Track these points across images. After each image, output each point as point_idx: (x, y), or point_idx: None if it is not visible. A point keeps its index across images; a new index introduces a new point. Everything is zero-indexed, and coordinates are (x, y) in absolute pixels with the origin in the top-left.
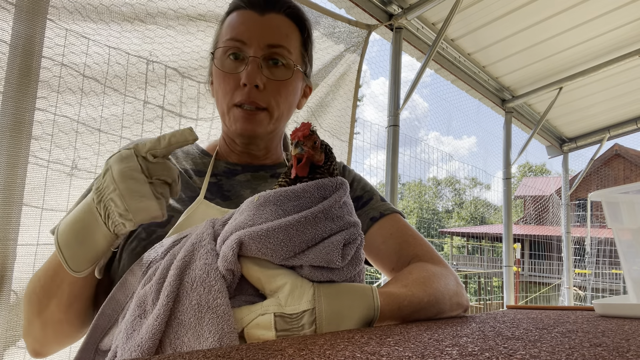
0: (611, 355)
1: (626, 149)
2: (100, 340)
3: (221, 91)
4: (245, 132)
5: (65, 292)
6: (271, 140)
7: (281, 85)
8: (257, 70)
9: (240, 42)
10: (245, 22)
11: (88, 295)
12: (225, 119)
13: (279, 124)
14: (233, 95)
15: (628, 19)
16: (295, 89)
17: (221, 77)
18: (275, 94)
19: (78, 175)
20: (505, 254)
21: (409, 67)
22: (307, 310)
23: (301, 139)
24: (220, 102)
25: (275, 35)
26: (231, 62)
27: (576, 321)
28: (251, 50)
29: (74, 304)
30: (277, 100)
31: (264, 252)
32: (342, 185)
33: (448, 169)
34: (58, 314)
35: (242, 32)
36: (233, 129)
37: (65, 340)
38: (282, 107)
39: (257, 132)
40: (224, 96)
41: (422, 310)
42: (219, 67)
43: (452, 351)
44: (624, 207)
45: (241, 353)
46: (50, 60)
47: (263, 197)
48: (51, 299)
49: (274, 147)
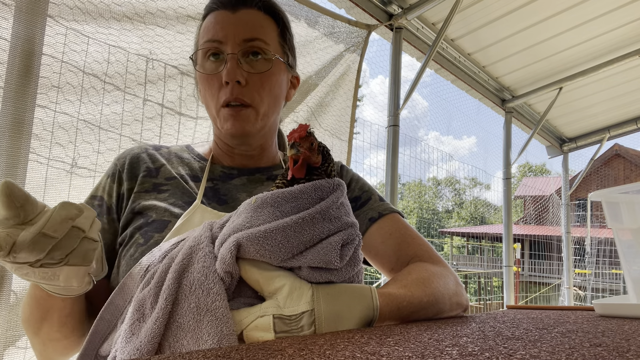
0: (611, 355)
1: (626, 149)
2: (100, 346)
3: (208, 94)
4: (236, 132)
5: (55, 315)
6: (264, 138)
7: (263, 78)
8: (236, 67)
9: (217, 41)
10: (219, 22)
11: (80, 309)
12: (217, 122)
13: (268, 120)
14: (219, 97)
15: (628, 19)
16: (279, 81)
17: (205, 80)
18: (258, 88)
19: (78, 173)
20: (505, 254)
21: (409, 67)
22: (306, 311)
23: (297, 140)
24: (209, 106)
25: (250, 29)
26: (212, 64)
27: (576, 321)
28: (228, 47)
29: (66, 323)
30: (261, 94)
31: (262, 254)
32: (339, 186)
33: (448, 169)
34: (53, 333)
35: (217, 31)
36: (224, 130)
37: (68, 352)
38: (267, 101)
39: (247, 130)
40: (212, 99)
41: (422, 310)
42: (201, 70)
43: (452, 351)
44: (624, 207)
45: (241, 353)
46: (51, 58)
47: (260, 199)
48: (43, 322)
49: (268, 146)
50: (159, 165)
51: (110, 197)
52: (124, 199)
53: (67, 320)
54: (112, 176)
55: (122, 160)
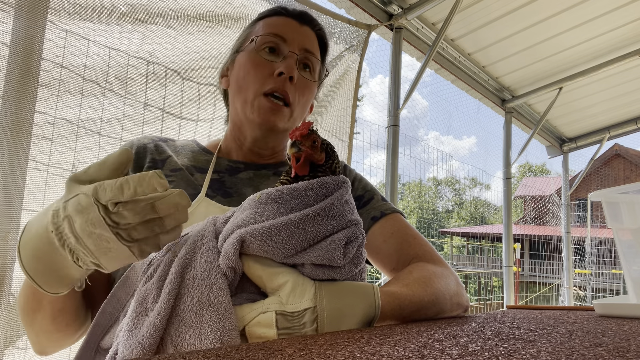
0: (611, 355)
1: (626, 149)
2: (101, 339)
3: (251, 78)
4: (266, 124)
5: (48, 308)
6: (281, 140)
7: (306, 86)
8: (295, 64)
9: (281, 38)
10: (286, 25)
11: (73, 305)
12: (247, 108)
13: (293, 124)
14: (264, 83)
15: (628, 19)
16: (312, 98)
17: (254, 65)
18: (301, 92)
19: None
20: (505, 254)
21: (409, 66)
22: (308, 308)
23: (299, 138)
24: (245, 89)
25: (310, 43)
26: (266, 54)
27: (576, 321)
28: (290, 47)
29: (59, 317)
30: (300, 99)
31: (265, 250)
32: (344, 183)
33: (448, 168)
34: (46, 325)
35: (285, 31)
36: (253, 117)
37: (61, 344)
38: (300, 108)
39: (277, 126)
40: (253, 83)
41: (423, 309)
42: (254, 56)
43: (452, 351)
44: (624, 207)
45: (241, 353)
46: (51, 63)
47: (265, 194)
48: (36, 313)
49: (280, 150)
50: (165, 157)
51: None
52: None
53: (59, 314)
54: None
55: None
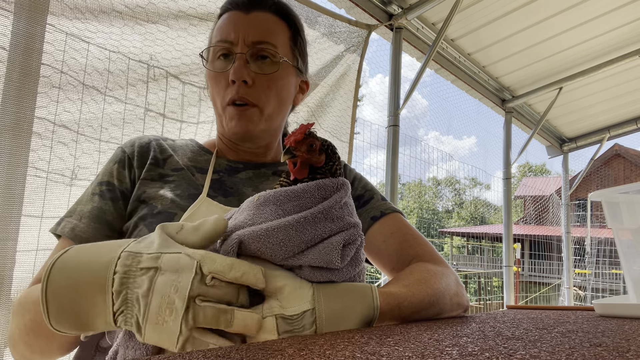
0: (611, 355)
1: (626, 149)
2: (101, 338)
3: (215, 92)
4: (239, 131)
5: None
6: (268, 139)
7: (270, 80)
8: (243, 66)
9: (228, 42)
10: (231, 23)
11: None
12: (222, 120)
13: (272, 121)
14: (224, 95)
15: (628, 19)
16: (287, 84)
17: (213, 78)
18: (265, 89)
19: (78, 185)
20: (505, 254)
21: (409, 66)
22: (307, 310)
23: (293, 144)
24: (214, 104)
25: (260, 32)
26: (221, 63)
27: (576, 321)
28: (237, 47)
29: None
30: (267, 95)
31: (263, 251)
32: (343, 185)
33: (448, 168)
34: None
35: (229, 32)
36: (228, 128)
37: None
38: (273, 103)
39: (250, 131)
40: (218, 97)
41: (423, 310)
42: (210, 68)
43: (452, 351)
44: (624, 207)
45: (241, 353)
46: (50, 68)
47: (263, 196)
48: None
49: (273, 146)
50: (166, 156)
51: (122, 183)
52: (135, 185)
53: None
54: (121, 162)
55: (131, 147)
